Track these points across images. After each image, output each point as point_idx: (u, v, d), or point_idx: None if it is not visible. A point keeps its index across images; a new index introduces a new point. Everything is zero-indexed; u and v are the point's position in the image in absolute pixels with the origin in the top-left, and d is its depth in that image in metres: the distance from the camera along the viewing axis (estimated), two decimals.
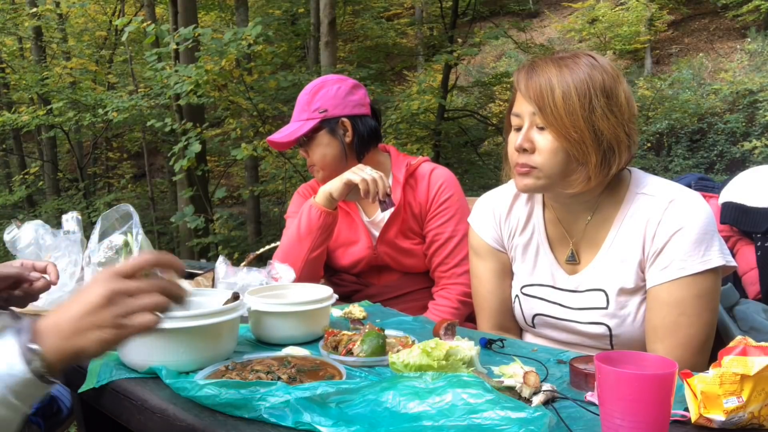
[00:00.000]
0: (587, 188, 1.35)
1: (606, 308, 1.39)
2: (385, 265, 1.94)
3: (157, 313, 0.88)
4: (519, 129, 1.38)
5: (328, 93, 1.89)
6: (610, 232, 1.40)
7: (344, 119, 1.89)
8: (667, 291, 1.31)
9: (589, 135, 1.30)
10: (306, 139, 1.90)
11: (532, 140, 1.35)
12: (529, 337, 1.59)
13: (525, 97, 1.36)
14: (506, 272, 1.58)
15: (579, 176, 1.33)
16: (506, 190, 1.58)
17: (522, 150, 1.35)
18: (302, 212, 1.80)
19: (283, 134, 1.91)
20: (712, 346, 1.34)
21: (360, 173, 1.73)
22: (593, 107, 1.30)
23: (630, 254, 1.37)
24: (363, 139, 1.91)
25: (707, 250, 1.29)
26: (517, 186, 1.42)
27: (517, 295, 1.55)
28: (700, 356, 1.32)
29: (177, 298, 0.90)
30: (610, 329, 1.39)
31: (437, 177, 1.92)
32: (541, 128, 1.34)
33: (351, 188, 1.75)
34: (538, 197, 1.53)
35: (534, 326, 1.52)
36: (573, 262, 1.46)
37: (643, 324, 1.38)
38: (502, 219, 1.56)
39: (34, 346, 0.83)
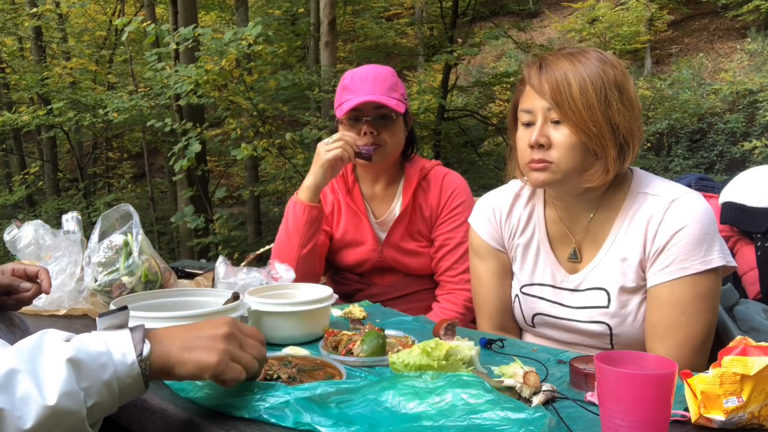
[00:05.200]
0: (605, 181, 1.34)
1: (607, 307, 1.39)
2: (389, 267, 1.94)
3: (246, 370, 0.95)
4: (529, 125, 1.37)
5: (402, 85, 1.92)
6: (611, 231, 1.40)
7: (410, 116, 1.96)
8: (667, 290, 1.31)
9: (607, 128, 1.30)
10: (394, 117, 1.85)
11: (548, 135, 1.34)
12: (528, 337, 1.58)
13: (538, 92, 1.34)
14: (506, 272, 1.58)
15: (597, 170, 1.33)
16: (507, 190, 1.58)
17: (538, 146, 1.34)
18: (287, 211, 1.80)
19: (374, 97, 1.80)
20: (711, 346, 1.34)
21: (335, 145, 1.73)
22: (609, 101, 1.30)
23: (631, 253, 1.37)
24: (411, 140, 1.98)
25: (708, 250, 1.29)
26: (532, 181, 1.40)
27: (516, 295, 1.54)
28: (700, 356, 1.32)
29: (258, 371, 1.00)
30: (610, 328, 1.39)
31: (450, 182, 1.93)
32: (557, 123, 1.33)
33: (334, 166, 1.75)
34: (540, 197, 1.53)
35: (534, 326, 1.52)
36: (575, 260, 1.45)
37: (643, 323, 1.38)
38: (502, 219, 1.56)
39: (147, 344, 0.88)
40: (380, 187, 1.97)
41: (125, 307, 0.93)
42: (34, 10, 9.87)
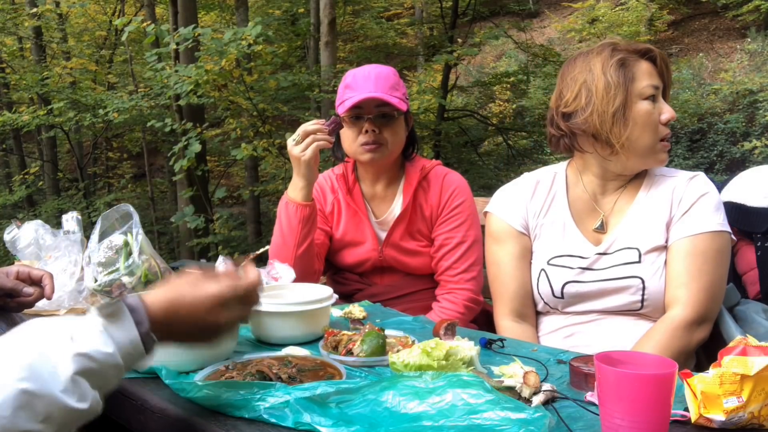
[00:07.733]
0: None
1: (639, 262, 1.48)
2: (389, 266, 1.94)
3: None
4: (650, 99, 1.48)
5: (403, 85, 1.93)
6: (635, 203, 1.55)
7: (411, 115, 1.97)
8: (692, 243, 1.46)
9: None
10: (396, 115, 1.85)
11: None
12: (547, 321, 1.61)
13: (659, 70, 1.50)
14: (526, 255, 1.63)
15: None
16: (525, 180, 1.68)
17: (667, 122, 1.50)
18: (280, 212, 1.80)
19: (376, 94, 1.80)
20: (716, 318, 1.50)
21: (309, 140, 1.69)
22: None
23: (657, 215, 1.51)
24: (412, 140, 1.98)
25: (723, 217, 1.49)
26: (662, 160, 1.53)
27: (542, 270, 1.58)
28: (717, 306, 1.48)
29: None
30: (643, 281, 1.47)
31: (450, 182, 1.94)
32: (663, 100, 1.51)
33: (317, 158, 1.73)
34: (561, 182, 1.63)
35: (563, 297, 1.55)
36: (601, 230, 1.55)
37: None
38: (527, 201, 1.64)
39: (142, 310, 0.90)
40: (381, 187, 1.97)
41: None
42: (34, 10, 9.86)
